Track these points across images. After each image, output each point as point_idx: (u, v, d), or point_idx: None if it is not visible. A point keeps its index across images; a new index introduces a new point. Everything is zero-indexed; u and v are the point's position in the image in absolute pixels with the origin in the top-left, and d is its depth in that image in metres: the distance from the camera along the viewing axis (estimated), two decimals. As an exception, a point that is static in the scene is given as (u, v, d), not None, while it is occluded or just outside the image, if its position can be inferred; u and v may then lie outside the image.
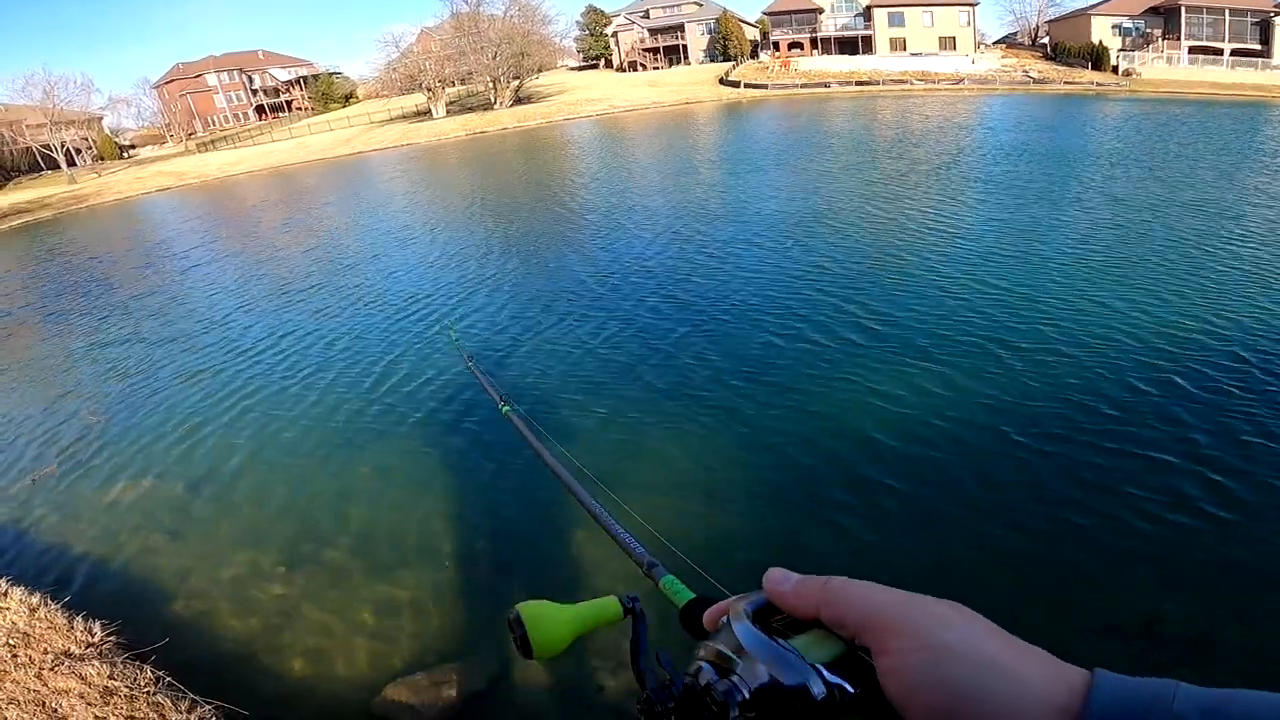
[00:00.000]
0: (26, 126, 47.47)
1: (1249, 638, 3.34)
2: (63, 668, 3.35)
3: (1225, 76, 36.36)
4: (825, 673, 0.39)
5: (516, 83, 52.45)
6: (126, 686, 3.27)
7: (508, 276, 10.68)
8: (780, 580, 0.45)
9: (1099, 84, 38.01)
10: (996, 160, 16.74)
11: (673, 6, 61.00)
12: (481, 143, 37.39)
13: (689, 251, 10.75)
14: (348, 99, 71.33)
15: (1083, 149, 17.78)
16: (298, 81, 72.30)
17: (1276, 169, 14.15)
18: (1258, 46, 40.06)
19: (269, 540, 4.83)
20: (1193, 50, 40.45)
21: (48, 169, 48.93)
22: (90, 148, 53.16)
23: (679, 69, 58.59)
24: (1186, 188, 12.59)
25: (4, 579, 4.18)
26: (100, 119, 58.69)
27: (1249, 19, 40.62)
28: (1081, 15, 45.92)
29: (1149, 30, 43.53)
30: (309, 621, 4.03)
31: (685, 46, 60.86)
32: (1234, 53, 39.78)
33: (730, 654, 0.41)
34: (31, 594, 4.02)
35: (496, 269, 11.28)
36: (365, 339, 8.71)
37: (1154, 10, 43.37)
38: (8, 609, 3.81)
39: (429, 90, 51.96)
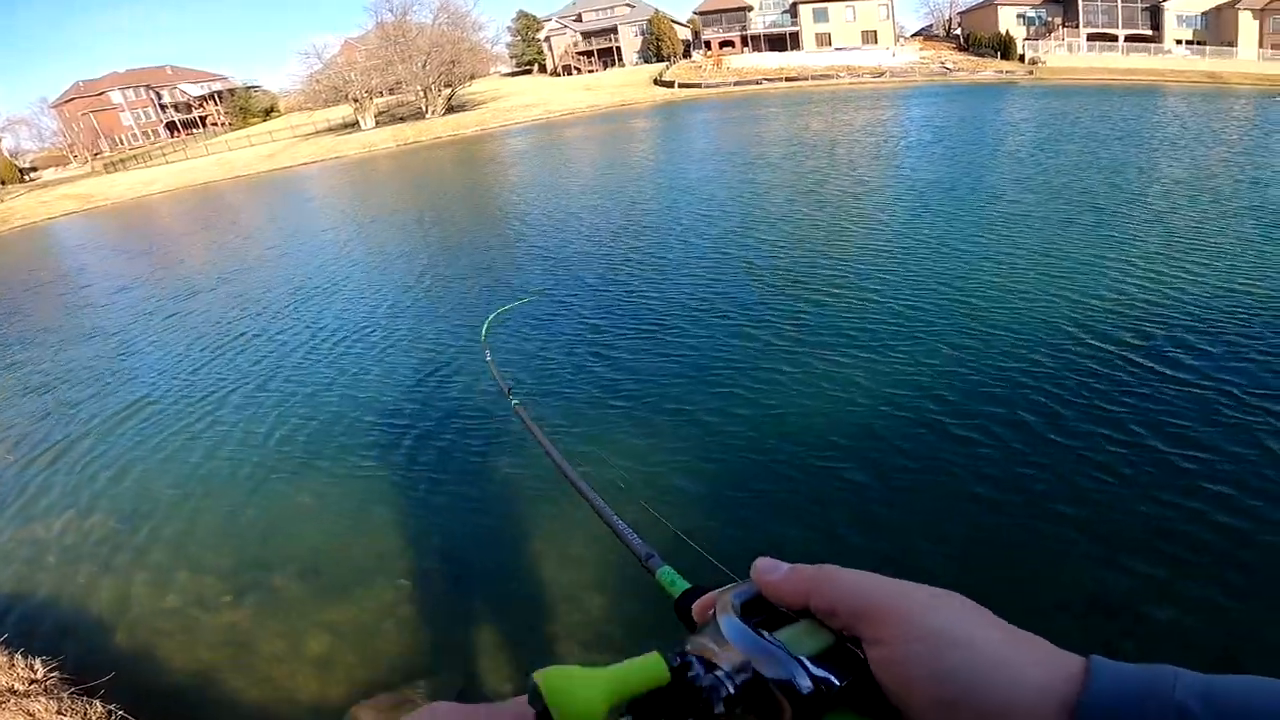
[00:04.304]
0: (-93, 154, 43.66)
1: (1228, 616, 3.42)
2: (9, 705, 3.24)
3: (1121, 62, 38.93)
4: (811, 666, 0.38)
5: (449, 91, 51.48)
6: (75, 724, 3.11)
7: (488, 275, 10.46)
8: (769, 569, 0.44)
9: (1007, 73, 40.07)
10: (918, 151, 17.49)
11: (605, 9, 61.10)
12: (414, 153, 36.56)
13: (647, 256, 10.83)
14: (268, 113, 68.51)
15: (994, 139, 18.75)
16: (212, 96, 69.02)
17: (1179, 153, 15.28)
18: (1149, 32, 43.01)
19: (211, 569, 4.63)
20: (1090, 37, 43.13)
21: (-64, 199, 45.11)
22: (-16, 173, 49.40)
23: (614, 71, 58.74)
24: (1089, 173, 13.45)
25: None
26: (-6, 142, 54.61)
27: (1139, 5, 43.56)
28: (989, 6, 48.25)
29: (1050, 19, 46.16)
30: (264, 647, 3.90)
31: (619, 49, 61.06)
32: (1128, 39, 42.61)
33: (715, 648, 0.41)
34: None
35: (480, 273, 11.04)
36: (295, 359, 8.43)
37: None
38: None
39: (355, 101, 50.43)
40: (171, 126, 67.40)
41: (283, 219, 22.36)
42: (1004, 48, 43.51)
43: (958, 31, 55.10)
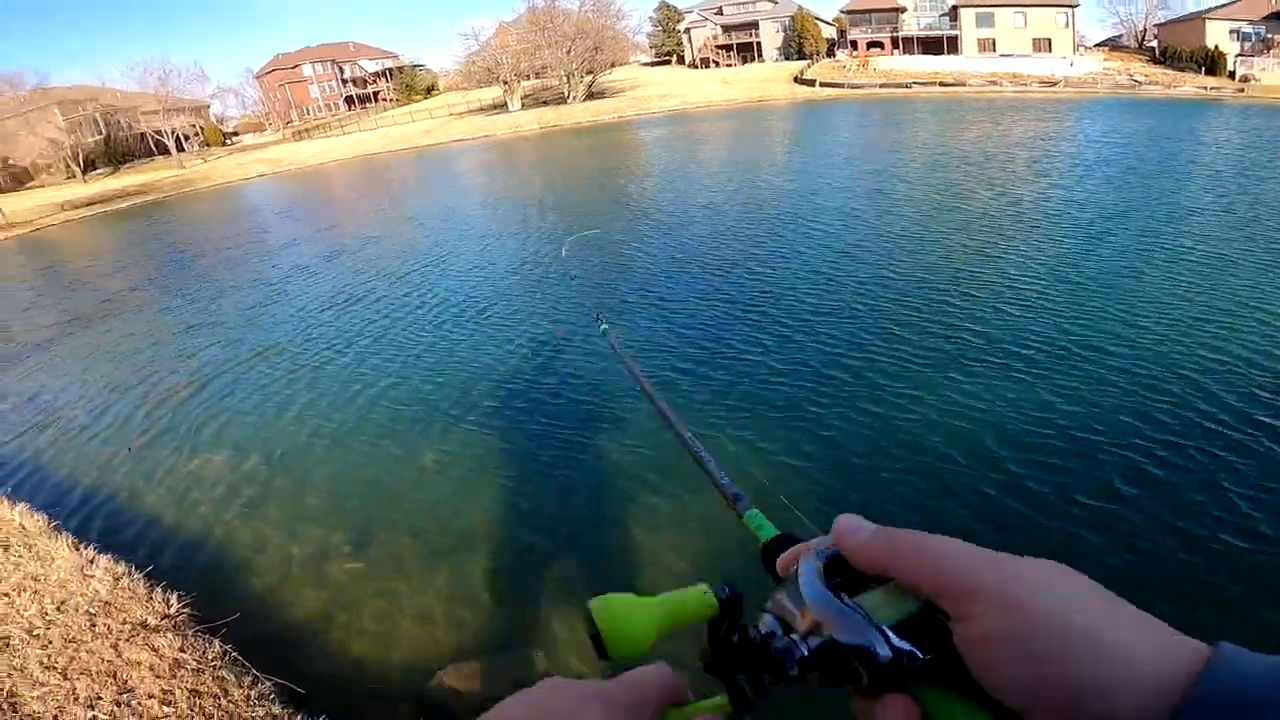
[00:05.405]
0: (141, 113, 51.51)
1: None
2: (138, 639, 3.51)
3: (1363, 83, 32.76)
4: (893, 636, 0.36)
5: (590, 78, 52.96)
6: (195, 659, 3.41)
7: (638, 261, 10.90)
8: (850, 530, 0.41)
9: (1212, 89, 35.00)
10: (1089, 170, 15.71)
11: (746, 4, 60.15)
12: (555, 137, 37.94)
13: (757, 264, 10.60)
14: (429, 91, 73.92)
15: (1188, 161, 16.42)
16: (384, 73, 75.44)
17: None
18: (1405, 51, 35.86)
19: (340, 519, 5.01)
20: (1325, 54, 36.61)
21: (159, 154, 52.97)
22: (198, 134, 57.08)
23: (752, 66, 57.74)
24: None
25: (94, 546, 4.49)
26: (208, 107, 62.91)
27: (1395, 20, 36.42)
28: (1195, 19, 42.34)
29: (1270, 35, 39.69)
30: (372, 603, 4.16)
31: (759, 44, 59.92)
32: (1376, 58, 35.75)
33: (792, 608, 0.40)
34: (117, 563, 4.28)
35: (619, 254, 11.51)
36: (452, 323, 9.09)
37: (1277, 15, 39.54)
38: (93, 577, 4.06)
39: (505, 83, 53.17)
40: (350, 100, 74.46)
41: (429, 192, 24.29)
42: (1210, 63, 38.04)
43: (1153, 44, 48.84)
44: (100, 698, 3.12)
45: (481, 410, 6.53)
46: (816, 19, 57.68)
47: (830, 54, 54.61)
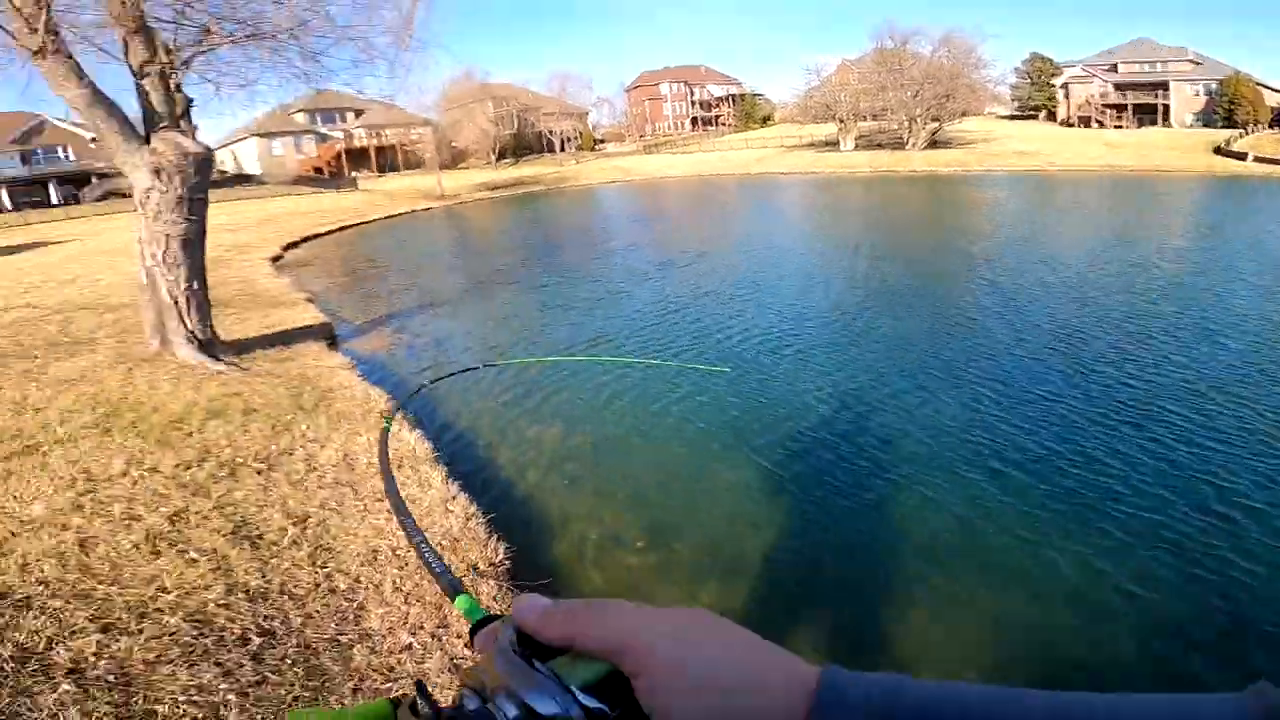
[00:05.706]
0: (543, 114, 63.07)
1: None
2: (466, 580, 3.77)
3: None
4: (581, 696, 0.39)
5: (935, 125, 49.45)
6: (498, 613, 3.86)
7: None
8: (527, 609, 0.44)
9: None
10: None
11: (1154, 61, 50.14)
12: (886, 182, 36.25)
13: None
14: (765, 120, 77.02)
15: None
16: (728, 98, 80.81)
17: None
18: None
19: (639, 513, 5.16)
20: None
21: (547, 151, 64.41)
22: (576, 138, 67.92)
23: (1150, 130, 48.05)
24: None
25: (458, 482, 5.15)
26: (587, 114, 74.47)
27: None
28: None
29: None
30: (645, 597, 4.29)
31: (1166, 106, 49.41)
32: None
33: (485, 680, 0.41)
34: (471, 503, 4.70)
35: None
36: (755, 350, 9.14)
37: None
38: (452, 512, 4.47)
39: (840, 121, 52.61)
40: (694, 121, 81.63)
41: (756, 219, 25.67)
42: None
43: None
44: (422, 627, 3.36)
45: (779, 446, 6.38)
46: (1259, 84, 45.25)
47: (1274, 125, 42.46)
